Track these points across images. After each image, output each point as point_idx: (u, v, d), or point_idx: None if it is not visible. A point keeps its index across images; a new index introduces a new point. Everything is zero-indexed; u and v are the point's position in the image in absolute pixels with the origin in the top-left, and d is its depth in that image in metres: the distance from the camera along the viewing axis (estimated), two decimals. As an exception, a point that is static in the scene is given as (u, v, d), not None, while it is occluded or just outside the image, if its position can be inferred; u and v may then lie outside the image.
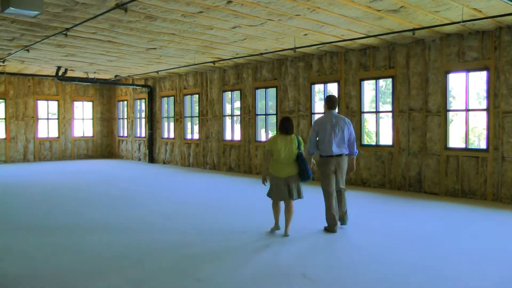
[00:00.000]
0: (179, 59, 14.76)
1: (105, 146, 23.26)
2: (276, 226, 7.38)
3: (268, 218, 7.89)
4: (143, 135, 21.20)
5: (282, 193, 7.10)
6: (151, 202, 10.46)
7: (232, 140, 16.45)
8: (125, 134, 22.48)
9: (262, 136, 15.92)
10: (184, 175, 15.56)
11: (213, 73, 17.15)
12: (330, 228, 7.34)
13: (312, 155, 7.61)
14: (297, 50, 12.34)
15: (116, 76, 19.81)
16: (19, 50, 13.19)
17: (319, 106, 16.50)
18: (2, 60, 15.17)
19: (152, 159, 20.30)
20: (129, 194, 11.53)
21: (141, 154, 21.26)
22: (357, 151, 7.69)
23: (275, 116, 14.98)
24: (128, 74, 18.91)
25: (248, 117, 15.55)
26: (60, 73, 17.67)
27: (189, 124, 18.97)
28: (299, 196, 7.21)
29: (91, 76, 19.53)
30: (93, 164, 19.82)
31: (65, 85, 21.49)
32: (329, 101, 7.54)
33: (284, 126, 7.16)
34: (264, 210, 9.03)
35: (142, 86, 20.31)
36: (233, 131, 16.62)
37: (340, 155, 7.40)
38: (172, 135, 19.62)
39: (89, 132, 22.78)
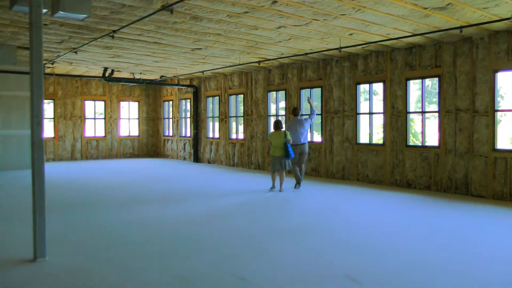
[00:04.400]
0: (224, 59, 14.97)
1: (151, 146, 23.79)
2: (273, 186, 11.93)
3: (310, 214, 7.96)
4: (188, 134, 21.57)
5: (277, 166, 11.75)
6: (199, 199, 10.74)
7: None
8: (171, 134, 22.92)
9: (308, 136, 15.93)
10: (229, 174, 15.79)
11: (258, 73, 17.33)
12: (297, 183, 12.13)
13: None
14: (342, 50, 12.36)
15: (161, 76, 20.22)
16: (68, 52, 13.66)
17: (364, 106, 16.44)
18: (51, 62, 15.72)
19: (197, 158, 20.63)
20: (178, 191, 11.87)
21: (186, 153, 21.64)
22: (306, 140, 12.26)
23: (320, 116, 15.01)
24: (174, 74, 19.26)
25: (293, 118, 15.59)
26: (106, 74, 18.20)
27: (234, 124, 19.17)
28: (284, 168, 11.73)
29: (137, 76, 20.04)
30: (140, 162, 20.33)
31: (112, 86, 22.15)
32: (294, 111, 12.50)
33: (277, 126, 11.84)
34: (304, 208, 9.13)
35: (187, 86, 20.66)
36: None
37: (303, 144, 12.20)
38: (217, 135, 19.88)
39: (135, 132, 23.36)
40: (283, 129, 12.11)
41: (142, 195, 11.31)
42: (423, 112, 12.47)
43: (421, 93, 12.48)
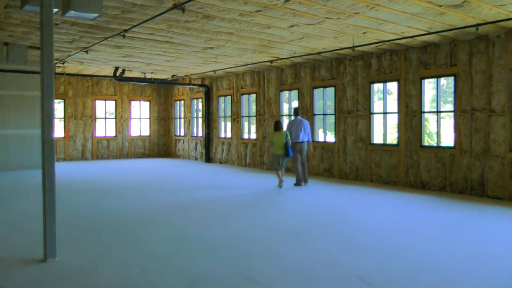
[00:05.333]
0: (236, 59, 15.00)
1: (162, 145, 23.89)
2: (280, 183, 12.60)
3: (309, 219, 7.96)
4: (200, 134, 21.62)
5: (278, 164, 12.57)
6: (210, 200, 10.79)
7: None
8: (182, 134, 22.99)
9: (320, 136, 15.94)
10: (240, 174, 15.81)
11: (270, 72, 17.33)
12: (297, 183, 12.89)
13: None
14: (355, 48, 12.33)
15: (173, 76, 20.31)
16: (79, 51, 13.78)
17: (378, 106, 16.38)
18: (62, 62, 15.86)
19: (208, 158, 20.67)
20: (189, 192, 11.94)
21: (197, 153, 21.69)
22: (310, 138, 13.11)
23: (333, 116, 14.98)
24: (185, 73, 19.33)
25: (306, 117, 15.59)
26: (117, 74, 18.32)
27: (246, 124, 19.19)
28: (283, 166, 12.56)
29: (148, 76, 20.15)
30: (151, 162, 20.43)
31: (123, 85, 22.28)
32: (295, 111, 13.23)
33: (277, 127, 12.73)
34: (315, 209, 9.12)
35: (199, 85, 20.70)
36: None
37: (302, 142, 12.90)
38: (229, 135, 19.91)
39: (146, 131, 23.47)
40: (284, 129, 13.10)
41: (153, 196, 11.37)
42: (438, 112, 12.40)
43: (436, 92, 12.40)
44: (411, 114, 12.52)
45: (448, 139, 12.41)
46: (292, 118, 13.41)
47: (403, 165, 12.72)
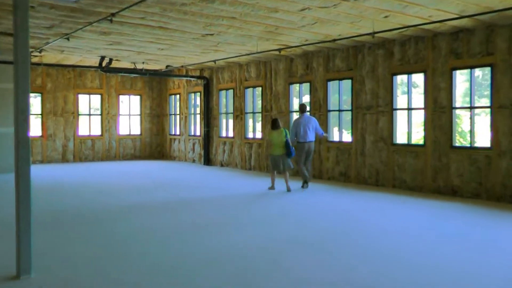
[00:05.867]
0: (240, 47, 14.94)
1: (155, 146, 23.87)
2: (272, 187, 13.18)
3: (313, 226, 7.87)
4: (198, 133, 21.59)
5: (277, 166, 13.00)
6: (208, 207, 10.73)
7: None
8: (178, 132, 22.96)
9: (335, 135, 15.85)
10: (244, 179, 15.76)
11: (278, 63, 17.25)
12: (305, 183, 13.37)
13: (292, 141, 13.27)
14: (376, 35, 12.23)
15: (167, 66, 20.25)
16: (59, 38, 13.72)
17: (402, 101, 16.27)
18: (39, 50, 15.79)
19: (208, 160, 20.62)
20: (185, 199, 11.89)
21: (195, 155, 21.64)
22: (323, 132, 13.94)
23: (350, 112, 14.89)
24: (181, 64, 19.28)
25: (319, 114, 15.52)
26: (104, 64, 18.23)
27: (250, 121, 19.15)
28: (285, 168, 12.99)
29: (139, 66, 20.01)
30: (142, 165, 20.43)
31: (110, 77, 22.26)
32: (301, 107, 13.74)
33: (274, 125, 13.02)
34: (329, 217, 9.02)
35: (197, 77, 20.66)
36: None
37: (310, 142, 13.43)
38: (231, 134, 19.86)
39: (136, 130, 23.47)
40: (281, 127, 13.33)
41: (143, 204, 11.31)
42: (471, 108, 12.27)
43: (470, 85, 12.29)
44: (439, 110, 12.41)
45: (483, 139, 12.29)
46: (298, 115, 13.77)
47: (430, 168, 12.61)
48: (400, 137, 14.25)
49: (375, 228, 8.71)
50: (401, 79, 14.84)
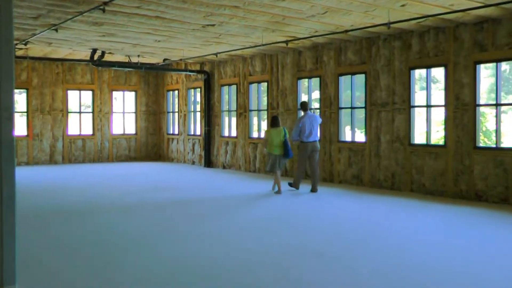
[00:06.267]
0: (243, 39, 14.94)
1: (151, 146, 23.89)
2: (279, 190, 13.29)
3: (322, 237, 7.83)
4: (198, 132, 21.59)
5: (276, 166, 13.33)
6: (210, 213, 10.73)
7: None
8: (176, 132, 22.98)
9: (347, 135, 15.82)
10: (248, 182, 15.75)
11: (285, 56, 17.24)
12: (294, 185, 13.87)
13: (296, 141, 13.92)
14: (391, 25, 12.20)
15: (165, 60, 20.26)
16: (46, 29, 13.72)
17: (420, 97, 16.24)
18: (24, 43, 15.78)
19: (209, 162, 20.63)
20: (184, 204, 11.90)
21: (195, 156, 21.65)
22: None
23: (363, 110, 14.86)
24: (180, 57, 19.27)
25: (330, 111, 15.50)
26: (95, 57, 18.21)
27: (255, 120, 19.10)
28: (280, 168, 13.46)
29: (134, 60, 20.04)
30: (137, 167, 20.49)
31: (102, 72, 22.28)
32: (303, 106, 13.99)
33: (274, 123, 13.55)
34: (341, 225, 8.98)
35: (197, 72, 20.68)
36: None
37: (315, 141, 13.71)
38: (234, 133, 19.88)
39: (131, 129, 23.50)
40: (281, 126, 13.88)
41: (138, 209, 11.31)
42: (497, 105, 12.25)
43: (496, 80, 12.24)
44: (462, 108, 12.37)
45: (511, 139, 12.23)
46: (302, 113, 14.02)
47: (451, 171, 12.58)
48: (418, 137, 14.24)
49: (393, 238, 8.65)
50: (419, 73, 14.81)
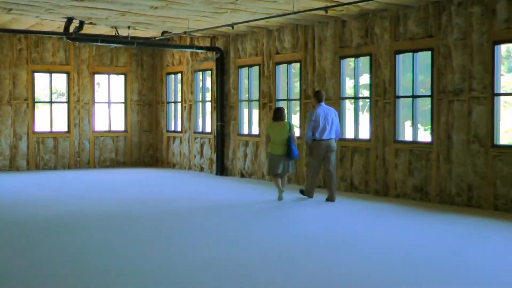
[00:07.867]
0: (269, 4, 14.94)
1: (146, 147, 24.02)
2: (280, 197, 14.26)
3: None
4: (208, 129, 21.68)
5: (278, 168, 13.96)
6: (222, 234, 10.78)
7: (356, 139, 16.52)
8: (179, 128, 23.09)
9: (407, 132, 15.78)
10: (271, 194, 15.71)
11: (324, 27, 17.24)
12: (306, 193, 14.79)
13: (310, 140, 14.40)
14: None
15: (164, 33, 20.25)
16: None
17: (507, 82, 16.13)
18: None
19: (222, 169, 20.67)
20: (190, 227, 11.99)
21: (204, 160, 21.70)
22: (339, 134, 15.04)
23: (429, 99, 14.81)
24: (184, 30, 19.25)
25: (383, 101, 15.45)
26: (71, 29, 18.23)
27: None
28: (284, 172, 14.20)
29: (124, 33, 20.03)
30: (127, 175, 20.64)
31: (80, 48, 22.40)
32: (318, 95, 14.64)
33: (277, 115, 14.17)
34: (398, 251, 9.03)
35: (207, 49, 20.76)
36: (357, 124, 16.67)
37: (330, 139, 14.41)
38: (255, 130, 19.90)
39: (119, 125, 23.68)
40: (286, 119, 14.70)
41: (121, 245, 11.35)
42: None
43: None
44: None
45: None
46: (315, 106, 14.79)
47: (549, 182, 12.52)
48: (505, 136, 14.13)
49: (478, 277, 8.64)
50: (507, 50, 14.75)
